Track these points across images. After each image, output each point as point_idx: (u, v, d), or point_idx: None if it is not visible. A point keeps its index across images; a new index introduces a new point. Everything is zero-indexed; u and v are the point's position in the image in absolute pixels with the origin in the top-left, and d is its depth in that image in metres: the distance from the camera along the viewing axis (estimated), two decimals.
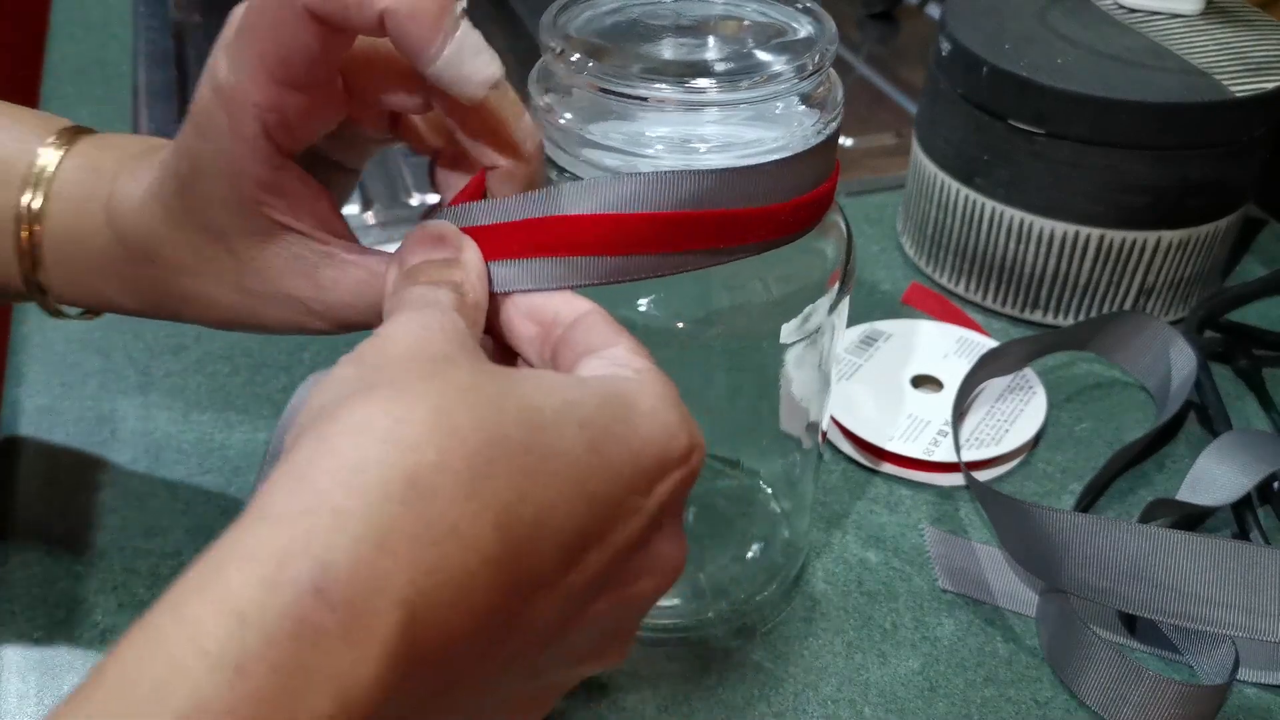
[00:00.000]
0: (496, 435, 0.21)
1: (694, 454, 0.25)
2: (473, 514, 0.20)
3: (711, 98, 0.30)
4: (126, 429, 0.49)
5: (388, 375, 0.22)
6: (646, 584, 0.26)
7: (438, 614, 0.20)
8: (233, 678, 0.17)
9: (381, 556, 0.19)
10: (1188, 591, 0.38)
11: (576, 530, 0.22)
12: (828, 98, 0.32)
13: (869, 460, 0.49)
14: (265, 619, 0.18)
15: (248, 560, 0.19)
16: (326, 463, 0.20)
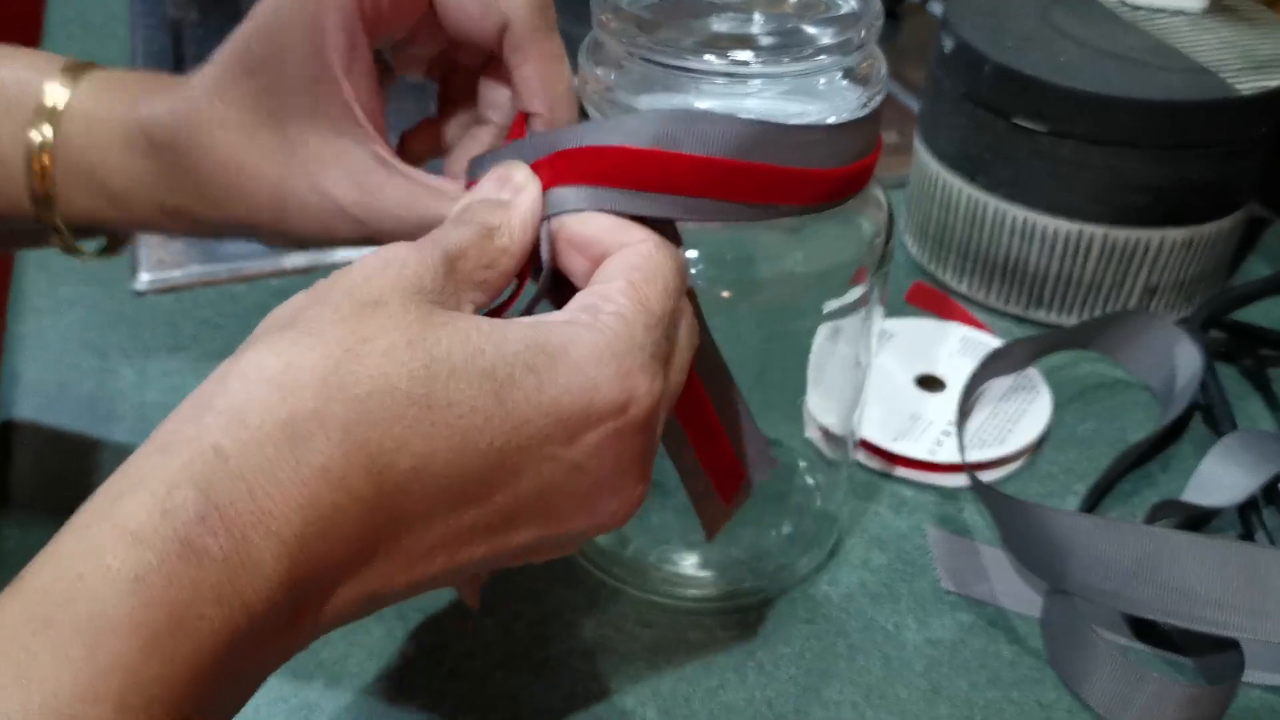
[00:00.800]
0: (384, 386, 0.24)
1: (630, 406, 0.26)
2: (343, 458, 0.23)
3: (758, 70, 0.31)
4: (123, 429, 0.49)
5: (314, 312, 0.25)
6: (580, 523, 0.28)
7: (307, 543, 0.23)
8: (130, 587, 0.20)
9: (256, 493, 0.22)
10: (1193, 593, 0.38)
11: (465, 475, 0.25)
12: (871, 73, 0.33)
13: (872, 461, 0.48)
14: (157, 540, 0.21)
15: (141, 488, 0.22)
16: (219, 401, 0.23)
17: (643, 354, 0.27)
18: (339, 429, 0.23)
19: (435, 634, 0.40)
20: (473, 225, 0.29)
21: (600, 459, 0.27)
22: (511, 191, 0.30)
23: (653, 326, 0.27)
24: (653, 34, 0.32)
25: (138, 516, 0.21)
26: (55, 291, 0.57)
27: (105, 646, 0.20)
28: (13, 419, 0.49)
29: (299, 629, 0.24)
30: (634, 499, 0.29)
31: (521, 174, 0.30)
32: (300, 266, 0.59)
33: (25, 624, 0.20)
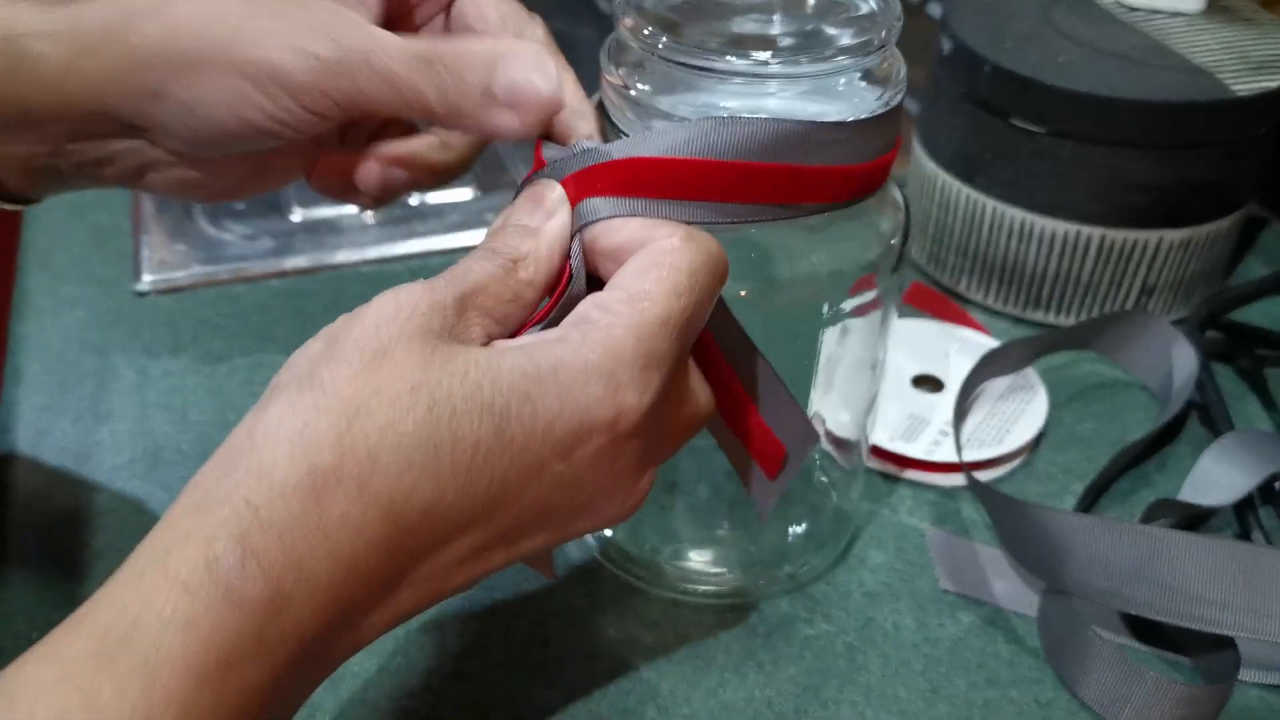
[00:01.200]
0: (392, 438, 0.26)
1: (620, 421, 0.28)
2: (361, 510, 0.25)
3: (778, 71, 0.31)
4: (124, 429, 0.49)
5: (328, 372, 0.26)
6: (585, 524, 0.30)
7: (335, 585, 0.25)
8: (181, 631, 0.23)
9: (285, 542, 0.24)
10: (1190, 592, 0.38)
11: (472, 506, 0.27)
12: (891, 74, 0.33)
13: (870, 461, 0.48)
14: (203, 590, 0.23)
15: (187, 542, 0.24)
16: (247, 459, 0.25)
17: (631, 369, 0.28)
18: (354, 482, 0.25)
19: (435, 634, 0.41)
20: (498, 259, 0.29)
21: (596, 469, 0.29)
22: (543, 216, 0.30)
23: (646, 337, 0.28)
24: (674, 35, 0.32)
25: (185, 568, 0.24)
26: (56, 291, 0.57)
27: (161, 684, 0.22)
28: (15, 420, 0.49)
29: (333, 655, 0.27)
30: (636, 496, 0.31)
31: (554, 196, 0.31)
32: (301, 267, 0.60)
33: (89, 659, 0.23)
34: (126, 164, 0.35)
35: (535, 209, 0.31)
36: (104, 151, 0.35)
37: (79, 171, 0.35)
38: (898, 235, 0.37)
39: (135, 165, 0.35)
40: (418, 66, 0.31)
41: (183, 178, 0.35)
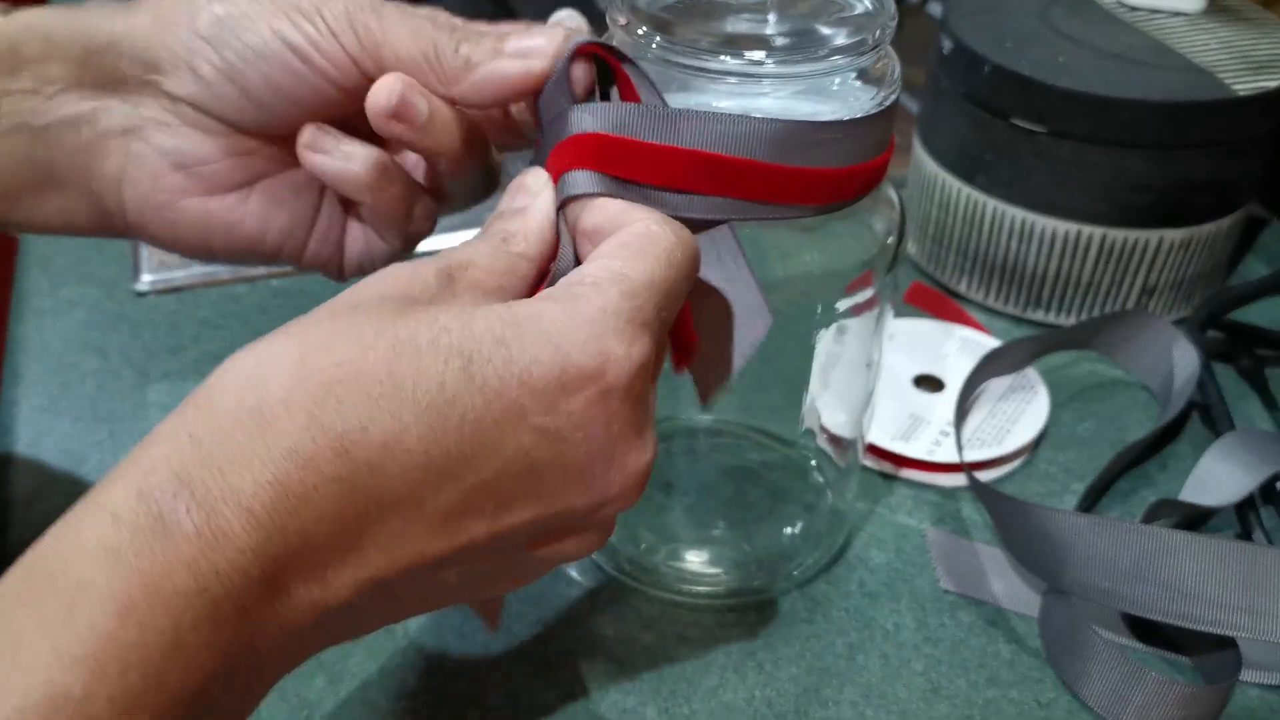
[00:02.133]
0: (350, 370, 0.25)
1: (607, 371, 0.27)
2: (310, 439, 0.24)
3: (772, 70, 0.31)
4: (124, 430, 0.49)
5: (305, 320, 0.26)
6: (579, 497, 0.28)
7: (282, 521, 0.24)
8: (107, 559, 0.22)
9: (226, 473, 0.23)
10: (1191, 592, 0.38)
11: (442, 451, 0.25)
12: (885, 73, 0.33)
13: (871, 461, 0.48)
14: (132, 517, 0.23)
15: (122, 476, 0.23)
16: (198, 397, 0.25)
17: (617, 319, 0.27)
18: (304, 412, 0.24)
19: (435, 634, 0.41)
20: (488, 238, 0.30)
21: (586, 427, 0.27)
22: (527, 197, 0.31)
23: (631, 293, 0.27)
24: (668, 34, 0.32)
25: (116, 499, 0.23)
26: (56, 292, 0.57)
27: (82, 615, 0.21)
28: (14, 420, 0.49)
29: (295, 607, 0.25)
30: (637, 468, 0.29)
31: (536, 180, 0.31)
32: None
33: (13, 601, 0.22)
34: (113, 122, 0.33)
35: (520, 193, 0.31)
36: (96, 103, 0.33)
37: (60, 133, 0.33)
38: (893, 235, 0.37)
39: (122, 125, 0.33)
40: (443, 28, 0.32)
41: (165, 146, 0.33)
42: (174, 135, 0.33)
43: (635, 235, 0.29)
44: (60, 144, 0.33)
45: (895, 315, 0.57)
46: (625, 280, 0.28)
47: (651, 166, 0.30)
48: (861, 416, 0.42)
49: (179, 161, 0.34)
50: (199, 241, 0.35)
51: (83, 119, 0.33)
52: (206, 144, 0.34)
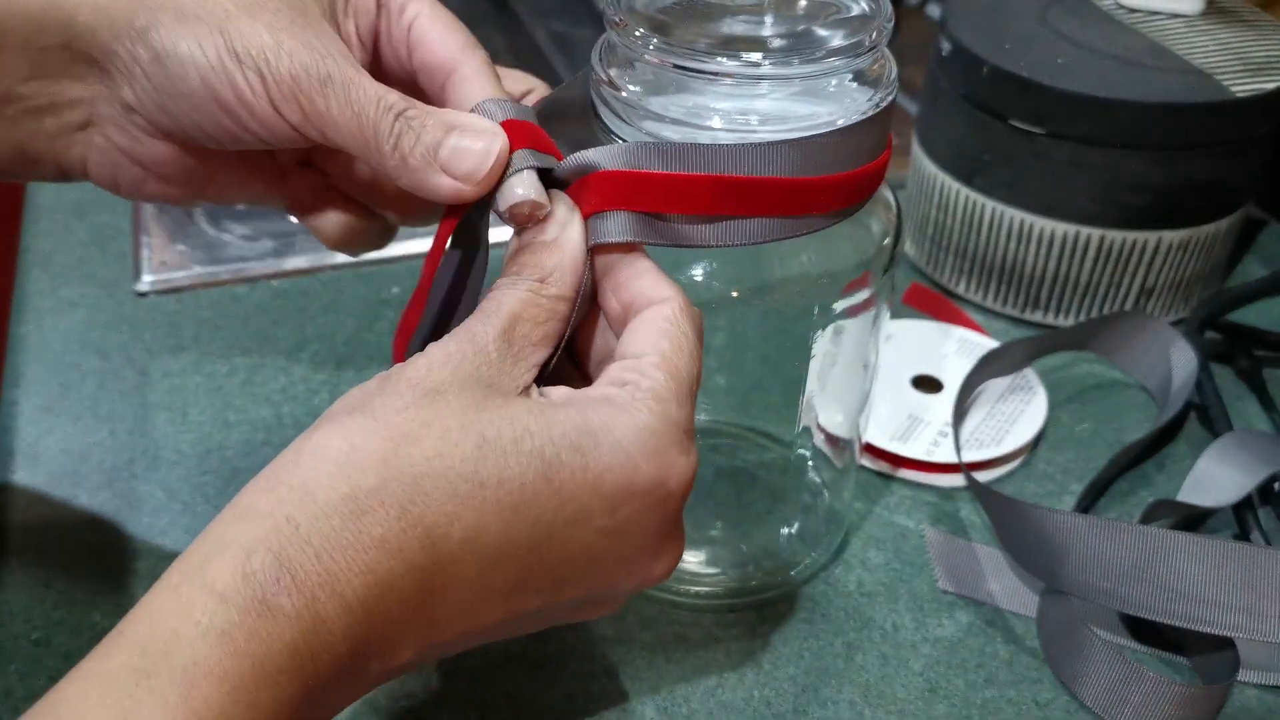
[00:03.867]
0: (439, 466, 0.26)
1: (669, 480, 0.29)
2: (400, 531, 0.26)
3: (769, 72, 0.31)
4: (124, 430, 0.49)
5: (380, 401, 0.27)
6: (626, 582, 0.30)
7: (369, 605, 0.25)
8: (218, 641, 0.23)
9: (322, 558, 0.25)
10: (1189, 593, 0.38)
11: (514, 543, 0.27)
12: (882, 75, 0.33)
13: (869, 461, 0.48)
14: (239, 599, 0.24)
15: (225, 553, 0.25)
16: (291, 477, 0.26)
17: (677, 429, 0.29)
18: (396, 505, 0.26)
19: None
20: (524, 283, 0.30)
21: (641, 526, 0.29)
22: (557, 228, 0.31)
23: (684, 399, 0.29)
24: (665, 36, 0.32)
25: (223, 578, 0.24)
26: (57, 292, 0.57)
27: (198, 693, 0.23)
28: (16, 420, 0.49)
29: (366, 676, 0.27)
30: (675, 556, 0.31)
31: (563, 209, 0.31)
32: (302, 268, 0.60)
33: (129, 674, 0.23)
34: (73, 116, 0.34)
35: (547, 224, 0.31)
36: (56, 96, 0.33)
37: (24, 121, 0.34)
38: (889, 236, 0.37)
39: (81, 119, 0.34)
40: (386, 114, 0.31)
41: (120, 144, 0.34)
42: (127, 136, 0.34)
43: (669, 323, 0.30)
44: (28, 130, 0.34)
45: (894, 316, 0.57)
46: (679, 384, 0.29)
47: (675, 198, 0.31)
48: (858, 417, 0.42)
49: (134, 159, 0.34)
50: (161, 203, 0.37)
51: (45, 110, 0.34)
52: (159, 147, 0.34)
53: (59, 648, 0.40)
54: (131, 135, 0.34)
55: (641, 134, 0.32)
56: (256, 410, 0.51)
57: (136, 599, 0.41)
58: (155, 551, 0.44)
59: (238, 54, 0.31)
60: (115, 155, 0.34)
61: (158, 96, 0.32)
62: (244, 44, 0.31)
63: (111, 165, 0.35)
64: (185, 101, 0.32)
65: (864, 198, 0.34)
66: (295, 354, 0.54)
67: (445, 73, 0.34)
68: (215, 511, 0.45)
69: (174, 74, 0.31)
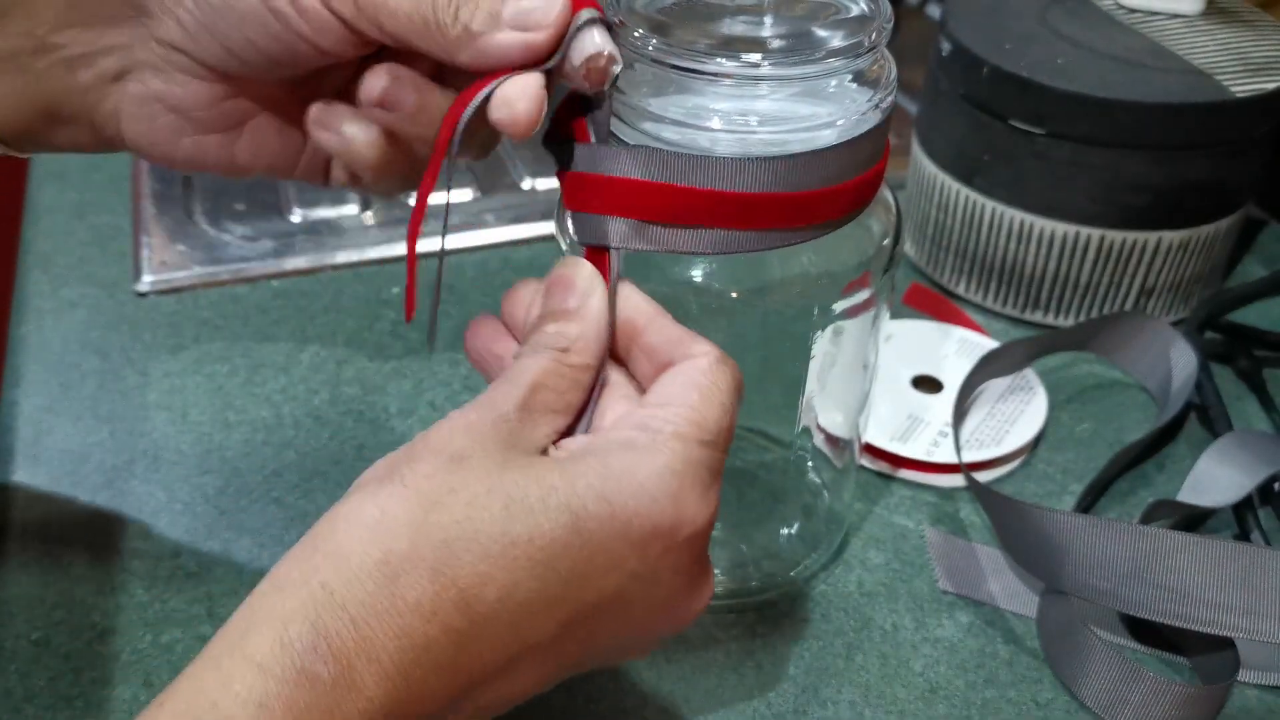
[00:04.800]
0: (468, 529, 0.26)
1: (695, 521, 0.29)
2: (434, 595, 0.26)
3: (768, 73, 0.31)
4: (124, 430, 0.49)
5: (407, 469, 0.27)
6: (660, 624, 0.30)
7: (405, 670, 0.25)
8: (256, 713, 0.23)
9: (358, 624, 0.25)
10: (1188, 593, 0.38)
11: (547, 597, 0.27)
12: (881, 75, 0.33)
13: (869, 461, 0.48)
14: (278, 669, 0.24)
15: (264, 624, 0.25)
16: (325, 544, 0.26)
17: (701, 468, 0.29)
18: (428, 569, 0.26)
19: None
20: (546, 353, 0.30)
21: (673, 567, 0.29)
22: (579, 297, 0.31)
23: (708, 442, 0.29)
24: (665, 36, 0.32)
25: (261, 649, 0.24)
26: (57, 293, 0.57)
27: None
28: (16, 420, 0.50)
29: None
30: (707, 593, 0.31)
31: (585, 276, 0.31)
32: (301, 268, 0.60)
33: None
34: (109, 64, 0.33)
35: (569, 292, 0.31)
36: (92, 44, 0.33)
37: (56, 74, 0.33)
38: (889, 236, 0.37)
39: (117, 68, 0.33)
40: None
41: (158, 90, 0.33)
42: (166, 80, 0.33)
43: (702, 374, 0.30)
44: (62, 84, 0.33)
45: (894, 316, 0.57)
46: (703, 430, 0.29)
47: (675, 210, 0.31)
48: (858, 417, 0.42)
49: (172, 105, 0.34)
50: (194, 167, 0.36)
51: (78, 61, 0.33)
52: (197, 89, 0.33)
53: (59, 648, 0.40)
54: (170, 77, 0.33)
55: (641, 135, 0.32)
56: (256, 410, 0.51)
57: (136, 600, 0.42)
58: (155, 551, 0.44)
59: None
60: (152, 105, 0.34)
61: (205, 17, 0.31)
62: None
63: (148, 117, 0.34)
64: (234, 15, 0.31)
65: (864, 205, 0.34)
66: (295, 354, 0.54)
67: None
68: (215, 511, 0.45)
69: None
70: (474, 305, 0.58)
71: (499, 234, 0.63)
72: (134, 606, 0.41)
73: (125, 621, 0.41)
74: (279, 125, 0.36)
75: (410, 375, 0.53)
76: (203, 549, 0.44)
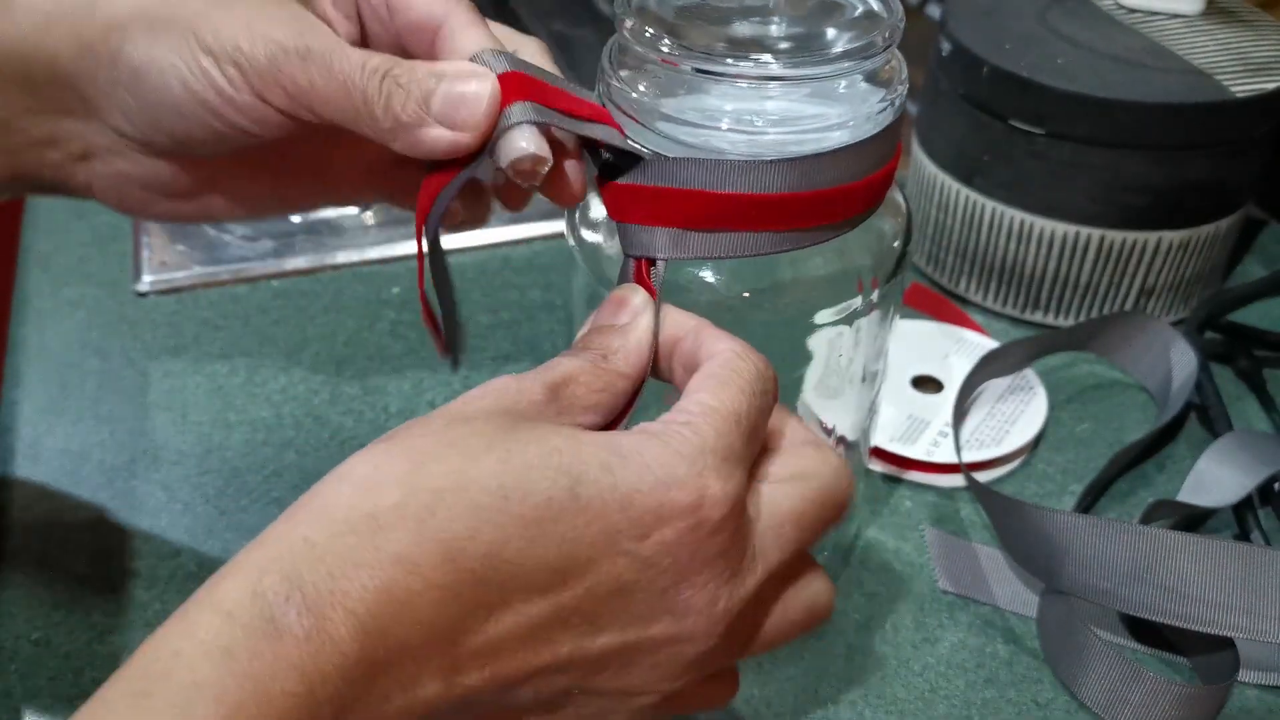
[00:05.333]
0: (460, 480, 0.25)
1: (703, 506, 0.27)
2: (417, 544, 0.25)
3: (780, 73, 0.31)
4: (124, 430, 0.49)
5: (406, 429, 0.27)
6: (663, 626, 0.28)
7: (384, 624, 0.24)
8: (220, 659, 0.23)
9: (336, 576, 0.24)
10: (1188, 593, 0.38)
11: (538, 563, 0.26)
12: (893, 76, 0.33)
13: (869, 461, 0.48)
14: (246, 617, 0.23)
15: (237, 573, 0.24)
16: (313, 501, 0.26)
17: (714, 456, 0.27)
18: (414, 519, 0.25)
19: None
20: (588, 353, 0.30)
21: (675, 556, 0.27)
22: (629, 315, 0.31)
23: (725, 429, 0.28)
24: (677, 37, 0.32)
25: (231, 597, 0.24)
26: (57, 293, 0.57)
27: (196, 712, 0.22)
28: (16, 420, 0.50)
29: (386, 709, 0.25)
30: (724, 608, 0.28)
31: (638, 297, 0.31)
32: (302, 268, 0.60)
33: (125, 698, 0.23)
34: (72, 148, 0.34)
35: (621, 310, 0.31)
36: (54, 130, 0.34)
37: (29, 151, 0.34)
38: (899, 239, 0.37)
39: (80, 150, 0.34)
40: (373, 76, 0.30)
41: (125, 173, 0.34)
42: (127, 160, 0.34)
43: (721, 366, 0.29)
44: (34, 159, 0.34)
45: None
46: (716, 415, 0.28)
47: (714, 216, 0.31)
48: (867, 419, 0.42)
49: (137, 181, 0.35)
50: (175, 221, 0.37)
51: (45, 142, 0.34)
52: (158, 166, 0.34)
53: (59, 648, 0.40)
54: (130, 159, 0.34)
55: (652, 135, 0.32)
56: (256, 410, 0.51)
57: (136, 599, 0.42)
58: (155, 551, 0.44)
59: (211, 50, 0.30)
60: (119, 180, 0.34)
61: (145, 113, 0.32)
62: (216, 39, 0.30)
63: (117, 190, 0.35)
64: (172, 111, 0.31)
65: (880, 201, 0.34)
66: (295, 354, 0.54)
67: (432, 29, 0.32)
68: (215, 512, 0.45)
69: (155, 85, 0.31)
70: (473, 305, 0.58)
71: (499, 234, 0.63)
72: (134, 606, 0.41)
73: (125, 621, 0.41)
74: (250, 176, 0.36)
75: (410, 375, 0.53)
76: (203, 549, 0.44)
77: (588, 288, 0.38)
